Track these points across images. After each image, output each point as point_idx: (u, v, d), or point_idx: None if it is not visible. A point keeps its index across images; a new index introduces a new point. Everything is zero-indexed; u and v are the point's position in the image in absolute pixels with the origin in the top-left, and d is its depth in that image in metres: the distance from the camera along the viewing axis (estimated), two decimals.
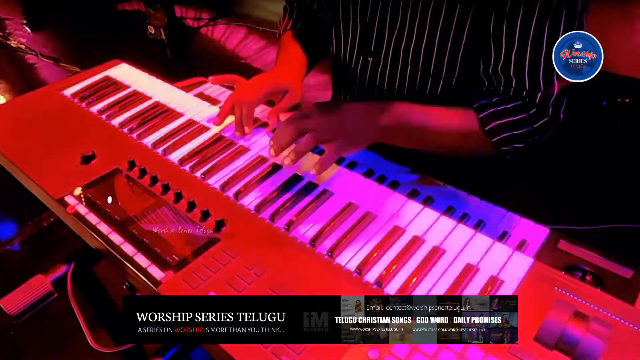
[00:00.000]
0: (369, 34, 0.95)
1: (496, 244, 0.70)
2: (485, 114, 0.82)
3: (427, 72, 0.91)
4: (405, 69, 0.93)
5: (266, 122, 0.99)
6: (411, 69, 0.92)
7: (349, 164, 0.88)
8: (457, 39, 0.85)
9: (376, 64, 0.97)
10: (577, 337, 0.54)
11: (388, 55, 0.94)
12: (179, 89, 1.12)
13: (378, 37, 0.94)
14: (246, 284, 0.66)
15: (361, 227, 0.74)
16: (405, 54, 0.91)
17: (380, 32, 0.93)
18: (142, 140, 0.96)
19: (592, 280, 0.66)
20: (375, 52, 0.95)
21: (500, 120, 0.81)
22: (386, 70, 0.96)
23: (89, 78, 1.17)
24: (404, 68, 0.93)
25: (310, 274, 0.67)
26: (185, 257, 0.70)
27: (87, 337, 0.77)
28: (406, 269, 0.67)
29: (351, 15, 0.96)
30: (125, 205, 0.81)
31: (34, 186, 0.87)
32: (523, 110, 0.81)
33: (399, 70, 0.94)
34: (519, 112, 0.81)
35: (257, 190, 0.82)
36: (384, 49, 0.94)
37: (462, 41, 0.84)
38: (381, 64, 0.96)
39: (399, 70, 0.94)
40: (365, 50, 0.97)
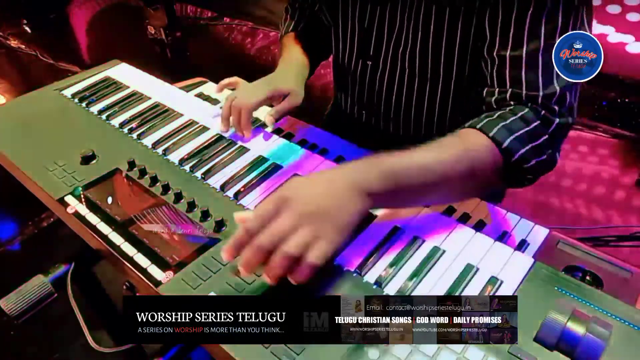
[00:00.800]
0: (367, 38, 0.95)
1: (496, 244, 0.70)
2: (495, 130, 0.70)
3: (424, 75, 0.91)
4: (404, 73, 0.93)
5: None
6: (409, 72, 0.92)
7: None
8: (450, 42, 0.84)
9: (375, 68, 0.97)
10: (577, 337, 0.54)
11: (387, 59, 0.94)
12: (179, 89, 1.12)
13: (377, 41, 0.94)
14: (246, 284, 0.66)
15: (361, 227, 0.74)
16: (402, 58, 0.91)
17: (379, 36, 0.93)
18: (142, 140, 0.96)
19: (592, 280, 0.66)
20: (374, 56, 0.96)
21: (516, 134, 0.70)
22: (385, 74, 0.96)
23: (89, 78, 1.17)
24: (402, 72, 0.93)
25: None
26: (185, 257, 0.70)
27: (87, 337, 0.77)
28: (406, 269, 0.67)
29: (350, 18, 0.96)
30: (125, 205, 0.81)
31: (34, 186, 0.87)
32: (534, 116, 0.73)
33: (398, 74, 0.94)
34: (531, 120, 0.72)
35: (257, 190, 0.82)
36: (382, 53, 0.94)
37: (456, 44, 0.83)
38: (380, 68, 0.96)
39: (398, 74, 0.94)
40: (364, 54, 0.97)
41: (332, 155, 0.91)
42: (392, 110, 1.01)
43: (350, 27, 0.97)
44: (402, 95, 0.96)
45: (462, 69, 0.86)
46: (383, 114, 1.03)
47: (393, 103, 0.99)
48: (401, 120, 1.01)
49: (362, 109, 1.08)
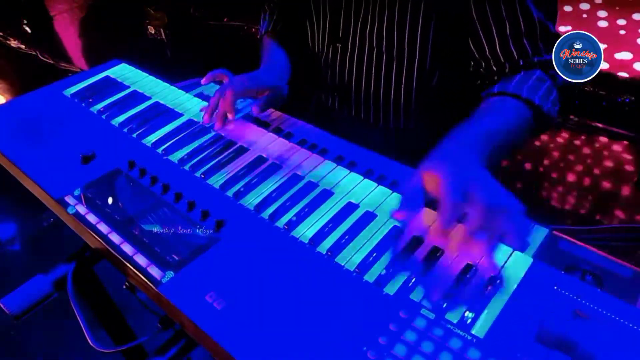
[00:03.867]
0: (336, 20, 1.01)
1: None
2: (525, 94, 0.82)
3: (390, 55, 0.97)
4: (372, 53, 0.99)
5: (267, 123, 0.99)
6: (377, 52, 0.98)
7: (349, 163, 0.88)
8: (413, 23, 0.91)
9: (344, 50, 1.03)
10: (577, 337, 0.54)
11: (355, 40, 1.00)
12: (179, 89, 1.12)
13: (345, 24, 1.00)
14: (246, 283, 0.66)
15: (361, 226, 0.74)
16: (370, 38, 0.98)
17: (346, 18, 0.99)
18: (142, 140, 0.96)
19: (592, 280, 0.66)
20: (343, 38, 1.02)
21: (540, 92, 0.83)
22: (354, 55, 1.02)
23: (89, 78, 1.17)
24: (370, 52, 1.00)
25: (310, 274, 0.67)
26: (185, 257, 0.70)
27: (87, 337, 0.77)
28: (406, 269, 0.67)
29: (321, 6, 1.02)
30: (125, 205, 0.81)
31: (34, 186, 0.88)
32: (542, 73, 0.86)
33: (366, 55, 1.01)
34: (541, 76, 0.85)
35: (257, 190, 0.82)
36: (350, 35, 1.00)
37: (419, 25, 0.91)
38: (349, 49, 1.02)
39: (366, 54, 1.01)
40: (334, 37, 1.03)
41: (332, 154, 0.91)
42: (363, 94, 1.06)
43: (322, 13, 1.03)
44: (371, 76, 1.02)
45: (424, 48, 0.93)
46: (354, 98, 1.09)
47: (363, 85, 1.05)
48: (371, 104, 1.07)
49: (338, 97, 1.13)
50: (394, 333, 0.57)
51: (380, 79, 1.01)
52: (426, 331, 0.58)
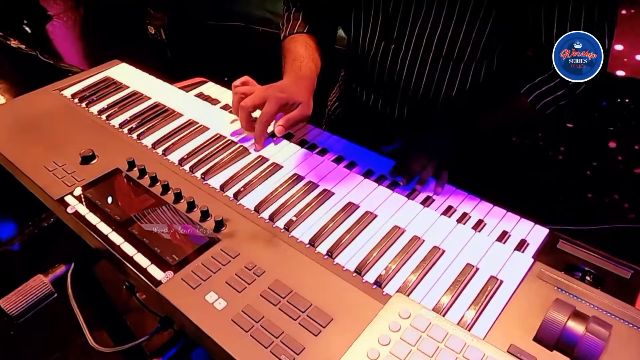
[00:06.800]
0: (391, 22, 0.99)
1: (496, 244, 0.70)
2: (533, 96, 0.92)
3: (449, 57, 0.97)
4: (428, 55, 0.98)
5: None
6: (434, 54, 0.97)
7: (349, 163, 0.88)
8: (471, 23, 0.91)
9: (397, 50, 1.01)
10: (577, 337, 0.54)
11: (411, 42, 0.98)
12: (179, 89, 1.12)
13: (401, 25, 0.98)
14: (246, 284, 0.66)
15: (361, 226, 0.74)
16: (429, 41, 0.96)
17: (403, 20, 0.97)
18: (142, 140, 0.96)
19: (592, 280, 0.66)
20: (397, 39, 0.99)
21: (549, 97, 0.90)
22: (407, 56, 1.00)
23: (89, 78, 1.17)
24: (426, 54, 0.98)
25: (310, 274, 0.67)
26: (185, 257, 0.70)
27: (87, 337, 0.77)
28: (406, 269, 0.67)
29: (373, 5, 0.99)
30: (125, 205, 0.81)
31: (34, 186, 0.87)
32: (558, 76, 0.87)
33: (420, 56, 0.99)
34: (557, 82, 0.89)
35: (257, 190, 0.82)
36: (406, 35, 0.98)
37: (476, 25, 0.91)
38: (403, 49, 1.00)
39: (421, 55, 0.99)
40: (388, 38, 1.01)
41: (332, 155, 0.91)
42: (410, 93, 1.05)
43: (373, 12, 1.00)
44: (423, 76, 1.01)
45: (483, 48, 0.94)
46: (400, 97, 1.07)
47: (412, 84, 1.03)
48: (416, 104, 1.06)
49: (377, 95, 1.11)
50: (393, 333, 0.57)
51: (433, 79, 1.00)
52: (426, 331, 0.58)
